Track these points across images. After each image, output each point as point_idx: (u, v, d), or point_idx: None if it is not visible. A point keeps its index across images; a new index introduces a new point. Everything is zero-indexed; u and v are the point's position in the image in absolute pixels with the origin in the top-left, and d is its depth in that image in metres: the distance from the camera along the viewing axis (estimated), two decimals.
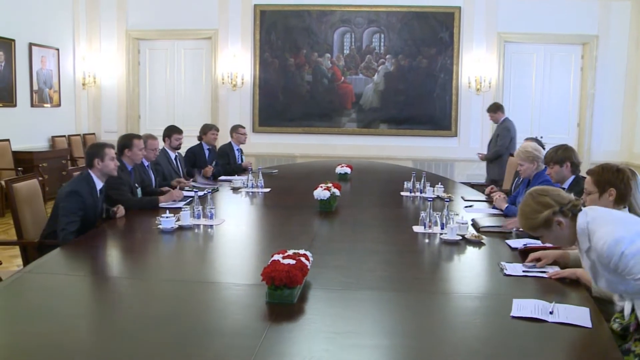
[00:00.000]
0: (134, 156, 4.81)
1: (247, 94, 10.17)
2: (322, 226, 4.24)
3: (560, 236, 2.40)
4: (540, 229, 2.38)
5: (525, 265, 2.99)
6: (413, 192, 5.42)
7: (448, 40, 9.90)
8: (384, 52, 10.04)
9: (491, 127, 10.05)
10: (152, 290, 2.76)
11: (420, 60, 9.98)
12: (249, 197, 5.39)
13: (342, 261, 3.21)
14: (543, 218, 2.33)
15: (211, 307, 2.54)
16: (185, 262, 3.35)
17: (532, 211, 2.37)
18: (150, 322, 2.33)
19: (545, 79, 10.13)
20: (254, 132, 10.16)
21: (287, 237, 3.81)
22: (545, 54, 10.08)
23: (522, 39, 9.94)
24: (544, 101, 10.15)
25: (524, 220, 2.42)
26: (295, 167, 8.47)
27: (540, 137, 9.76)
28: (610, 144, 9.60)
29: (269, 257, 2.60)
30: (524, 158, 4.57)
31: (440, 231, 3.78)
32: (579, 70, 10.10)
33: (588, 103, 9.95)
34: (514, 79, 10.15)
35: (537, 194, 2.41)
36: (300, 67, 10.11)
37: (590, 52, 9.87)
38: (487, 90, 9.85)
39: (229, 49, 10.08)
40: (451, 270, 3.28)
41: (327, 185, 4.53)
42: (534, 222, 2.38)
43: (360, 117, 10.16)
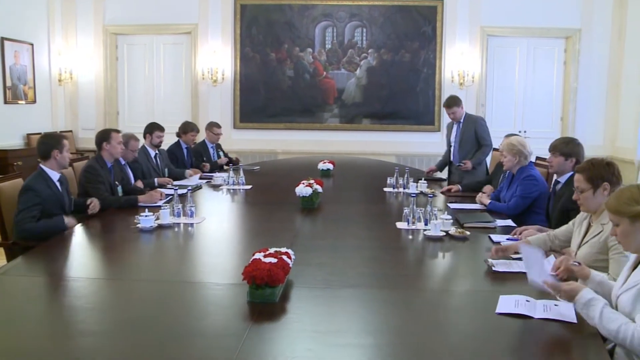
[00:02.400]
0: (113, 150, 4.75)
1: (227, 90, 10.10)
2: (304, 223, 4.22)
3: (633, 236, 2.31)
4: (625, 218, 2.30)
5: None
6: (396, 187, 5.43)
7: (431, 34, 9.92)
8: (366, 46, 10.03)
9: None
10: (131, 291, 2.73)
11: (403, 55, 9.99)
12: (230, 194, 5.37)
13: (325, 259, 3.20)
14: (637, 210, 2.26)
15: (191, 307, 2.52)
16: (165, 261, 3.32)
17: (631, 197, 2.29)
18: (129, 324, 2.30)
19: (528, 72, 10.19)
20: (234, 129, 10.09)
21: (269, 235, 3.79)
22: (528, 47, 10.14)
23: (505, 33, 9.99)
24: (527, 95, 10.22)
25: (616, 201, 2.33)
26: (277, 163, 8.45)
27: (524, 132, 9.92)
28: (594, 138, 9.64)
29: (250, 255, 2.59)
30: (508, 150, 4.61)
31: (424, 227, 3.79)
32: (562, 64, 10.18)
33: (571, 97, 10.04)
34: (497, 73, 10.20)
35: None
36: (281, 62, 10.07)
37: (573, 45, 9.95)
38: (470, 84, 9.89)
39: (209, 44, 10.01)
40: (435, 266, 3.29)
41: (310, 182, 4.52)
42: (625, 208, 2.29)
43: (342, 112, 10.14)
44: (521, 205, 4.38)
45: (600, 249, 2.84)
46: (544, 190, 4.48)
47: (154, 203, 4.61)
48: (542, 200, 4.43)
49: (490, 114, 10.20)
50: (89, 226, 3.95)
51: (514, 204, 4.40)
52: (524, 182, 4.43)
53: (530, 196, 4.37)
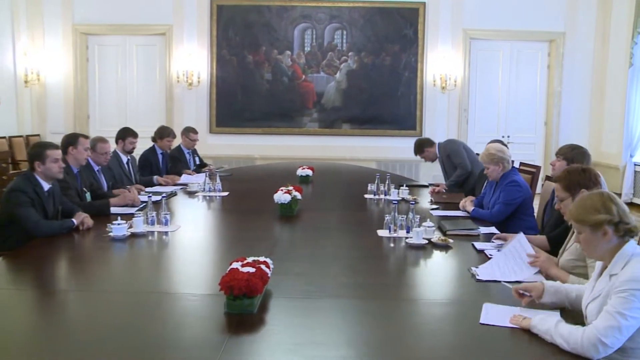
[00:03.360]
0: (79, 155, 4.68)
1: (203, 93, 10.08)
2: (283, 231, 4.23)
3: (594, 244, 2.37)
4: (585, 227, 2.36)
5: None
6: (377, 194, 5.46)
7: (412, 37, 10.01)
8: (347, 49, 10.09)
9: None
10: (103, 303, 2.70)
11: (383, 58, 10.06)
12: (206, 201, 5.35)
13: (304, 268, 3.20)
14: (597, 219, 2.31)
15: (166, 319, 2.50)
16: (138, 271, 3.30)
17: (592, 206, 2.35)
18: (101, 337, 2.28)
19: (511, 76, 10.32)
20: (210, 133, 10.08)
21: (247, 244, 3.78)
22: (511, 51, 10.27)
23: (488, 36, 10.11)
24: (510, 99, 10.35)
25: (578, 210, 2.39)
26: (255, 169, 8.44)
27: (507, 137, 10.03)
28: (578, 142, 9.61)
29: (227, 265, 2.58)
30: (489, 161, 4.64)
31: (406, 235, 3.81)
32: (545, 68, 10.32)
33: (555, 101, 10.19)
34: (480, 77, 10.31)
35: (609, 197, 2.37)
36: (259, 65, 10.08)
37: (557, 49, 10.10)
38: (452, 88, 9.99)
39: (185, 45, 9.98)
40: (418, 275, 3.31)
41: (288, 189, 4.52)
42: (586, 217, 2.35)
43: (322, 116, 10.18)
44: (505, 211, 4.43)
45: (578, 255, 2.91)
46: (528, 195, 4.54)
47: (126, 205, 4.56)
48: (526, 205, 4.50)
49: (472, 118, 10.31)
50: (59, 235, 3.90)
51: (498, 210, 4.45)
52: (507, 188, 4.48)
53: (514, 202, 4.43)
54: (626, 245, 2.30)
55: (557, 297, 2.49)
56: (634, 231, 2.32)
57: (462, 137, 10.11)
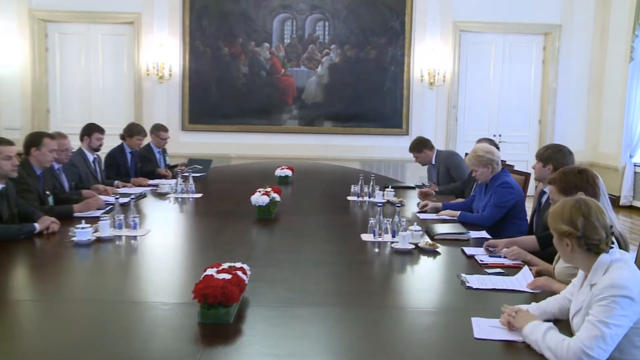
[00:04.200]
0: (42, 157, 4.64)
1: (175, 87, 10.03)
2: (261, 235, 4.24)
3: (564, 253, 2.45)
4: (554, 233, 2.43)
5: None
6: (361, 196, 5.49)
7: (399, 29, 10.05)
8: (329, 41, 10.11)
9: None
10: (66, 313, 2.69)
11: (368, 51, 10.10)
12: (178, 203, 5.35)
13: (284, 274, 3.22)
14: (560, 229, 2.38)
15: (135, 330, 2.50)
16: (105, 279, 3.28)
17: (560, 215, 2.40)
18: (65, 351, 2.27)
19: (504, 71, 10.39)
20: (183, 130, 10.04)
21: (222, 249, 3.79)
22: (504, 44, 10.34)
23: (479, 28, 10.18)
24: (502, 96, 10.41)
25: (551, 213, 2.46)
26: (230, 169, 8.43)
27: (499, 136, 10.12)
28: (574, 142, 9.67)
29: (201, 271, 2.58)
30: (477, 163, 4.68)
31: (392, 239, 3.85)
32: (540, 63, 10.41)
33: (550, 98, 10.27)
34: (471, 72, 10.37)
35: (581, 208, 2.38)
36: (235, 57, 10.06)
37: (553, 42, 10.18)
38: (441, 84, 10.04)
39: (155, 35, 9.92)
40: (404, 282, 3.34)
41: (266, 190, 4.53)
42: (552, 223, 2.42)
43: (302, 113, 10.19)
44: (496, 214, 4.49)
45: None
46: (520, 198, 4.60)
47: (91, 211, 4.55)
48: (518, 208, 4.55)
49: (462, 116, 10.36)
50: (16, 240, 3.86)
51: (489, 213, 4.50)
52: (498, 190, 4.53)
53: (506, 205, 4.48)
54: (601, 257, 2.34)
55: (545, 316, 2.52)
56: (602, 249, 2.34)
57: (451, 135, 10.18)
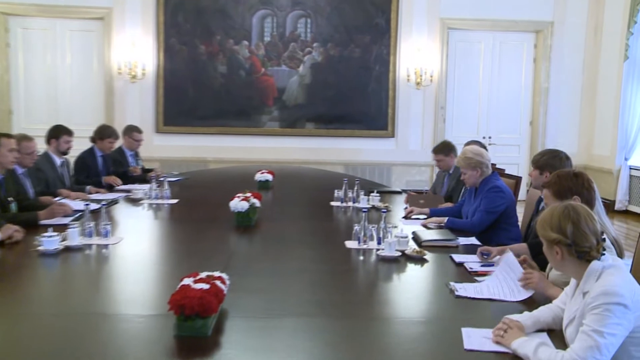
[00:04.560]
0: (2, 158, 4.59)
1: (149, 87, 9.99)
2: (240, 243, 4.24)
3: (554, 261, 2.47)
4: (544, 240, 2.46)
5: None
6: (345, 201, 5.50)
7: (384, 26, 10.10)
8: (311, 39, 10.13)
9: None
10: (32, 328, 2.66)
11: (352, 50, 10.13)
12: (153, 210, 5.34)
13: (264, 284, 3.22)
14: (549, 236, 2.40)
15: (107, 344, 2.48)
16: (74, 291, 3.26)
17: (549, 221, 2.43)
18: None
19: (493, 71, 10.47)
20: (157, 133, 10.00)
21: (199, 257, 3.78)
22: (494, 42, 10.43)
23: (468, 26, 10.25)
24: (492, 96, 10.49)
25: (539, 223, 2.49)
26: (208, 173, 8.41)
27: (488, 138, 10.19)
28: (567, 145, 9.85)
29: (177, 281, 2.57)
30: (465, 166, 4.71)
31: (377, 246, 3.86)
32: (531, 61, 10.51)
33: (542, 98, 10.37)
34: (459, 72, 10.44)
35: (570, 215, 2.41)
36: (213, 56, 10.05)
37: (544, 40, 10.28)
38: (428, 84, 10.09)
39: (127, 32, 9.87)
40: (391, 291, 3.34)
41: (246, 195, 4.53)
42: (541, 230, 2.45)
43: (283, 115, 10.19)
44: (486, 220, 4.51)
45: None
46: (511, 202, 4.62)
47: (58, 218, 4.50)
48: (509, 214, 4.58)
49: (450, 117, 10.42)
50: None
51: (478, 219, 4.53)
52: (488, 195, 4.55)
53: (496, 210, 4.51)
54: (592, 264, 2.36)
55: (538, 326, 2.53)
56: (593, 256, 2.36)
57: (439, 137, 10.18)
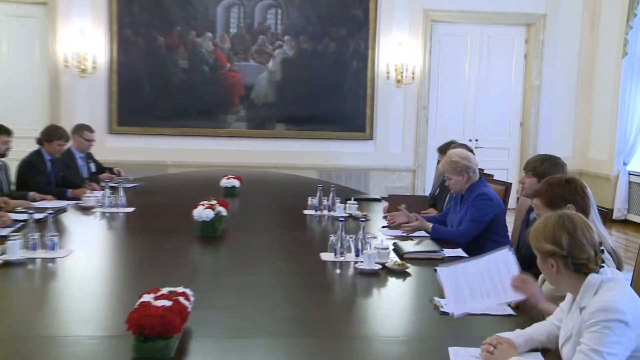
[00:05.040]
0: None
1: (100, 83, 9.90)
2: (205, 255, 4.25)
3: (548, 275, 2.51)
4: (537, 253, 2.50)
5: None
6: (319, 209, 5.52)
7: (362, 18, 10.14)
8: (282, 32, 10.14)
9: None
10: None
11: (327, 44, 10.15)
12: (106, 219, 5.30)
13: (233, 300, 3.22)
14: (543, 248, 2.44)
15: None
16: (15, 311, 3.20)
17: (542, 232, 2.47)
18: None
19: (481, 67, 10.54)
20: (110, 134, 9.91)
21: (160, 271, 3.76)
22: (481, 37, 10.51)
23: (453, 18, 10.33)
24: (479, 95, 10.57)
25: (532, 234, 2.53)
26: (168, 179, 8.37)
27: (475, 141, 10.27)
28: (561, 148, 9.88)
29: (135, 298, 2.57)
30: (451, 170, 4.75)
31: (355, 259, 3.88)
32: (522, 57, 10.61)
33: (533, 97, 10.47)
34: (443, 68, 10.51)
35: (565, 224, 2.45)
36: (173, 49, 10.01)
37: (536, 35, 10.39)
38: (409, 82, 10.12)
39: (74, 20, 9.74)
40: (370, 307, 3.37)
41: (211, 203, 4.52)
42: (535, 242, 2.49)
43: (251, 115, 10.18)
44: (473, 230, 4.56)
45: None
46: (500, 211, 4.68)
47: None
48: (499, 223, 4.63)
49: (433, 118, 10.47)
50: None
51: (465, 229, 4.57)
52: (476, 203, 4.60)
53: (484, 219, 4.56)
54: (589, 277, 2.41)
55: (531, 344, 2.57)
56: (591, 268, 2.40)
57: (421, 140, 10.27)
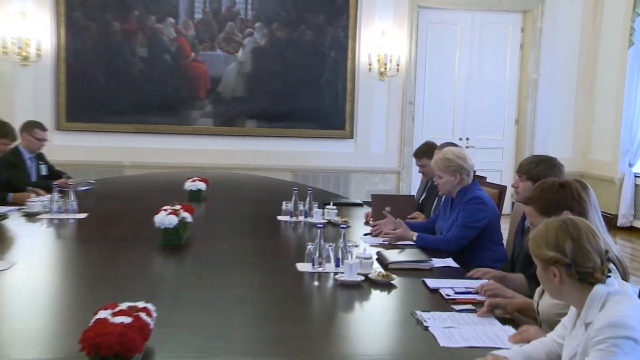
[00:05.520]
0: None
1: (46, 72, 9.79)
2: (169, 266, 4.24)
3: (549, 285, 2.53)
4: (537, 261, 2.52)
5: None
6: (295, 215, 5.53)
7: (342, 4, 10.15)
8: (252, 18, 10.13)
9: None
10: None
11: (303, 32, 10.16)
12: (54, 226, 5.27)
13: (200, 316, 3.22)
14: (544, 256, 2.46)
15: None
16: None
17: (544, 238, 2.49)
18: None
19: (472, 59, 10.60)
20: (59, 130, 9.81)
21: (117, 285, 3.75)
22: (472, 24, 10.57)
23: (442, 4, 10.38)
24: (470, 90, 10.63)
25: (532, 240, 2.55)
26: (125, 181, 8.34)
27: (466, 140, 10.34)
28: (560, 148, 10.00)
29: (89, 315, 2.56)
30: (443, 168, 4.78)
31: (335, 269, 3.90)
32: (517, 48, 10.69)
33: (530, 92, 10.54)
34: (431, 60, 10.56)
35: (568, 230, 2.47)
36: (130, 35, 9.96)
37: (533, 22, 10.45)
38: (394, 74, 10.14)
39: (14, 1, 9.63)
40: (352, 323, 3.38)
41: (174, 208, 4.52)
42: (535, 249, 2.51)
43: (218, 110, 10.16)
44: (464, 237, 4.59)
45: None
46: (495, 216, 4.71)
47: None
48: (492, 230, 4.66)
49: (420, 114, 10.50)
50: None
51: (455, 235, 4.60)
52: (468, 207, 4.63)
53: (477, 225, 4.59)
54: (595, 288, 2.42)
55: None
56: (597, 278, 2.42)
57: (407, 138, 10.29)
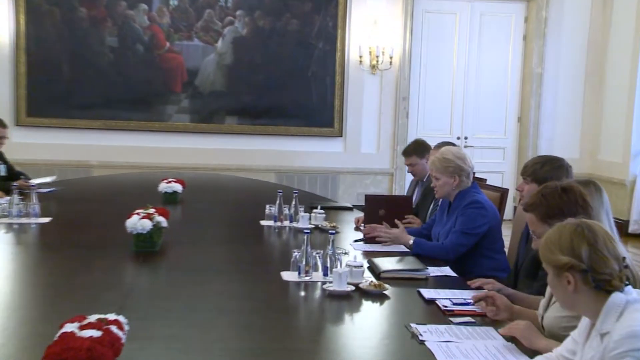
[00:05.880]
0: None
1: (4, 63, 9.72)
2: (141, 275, 4.23)
3: (562, 293, 2.53)
4: (549, 267, 2.53)
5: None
6: (280, 220, 5.53)
7: None
8: (233, 6, 10.12)
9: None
10: None
11: (288, 21, 10.16)
12: (14, 232, 5.25)
13: (176, 329, 3.21)
14: (558, 261, 2.46)
15: None
16: None
17: (557, 242, 2.49)
18: None
19: (472, 51, 10.61)
20: (18, 126, 9.74)
21: (85, 296, 3.73)
22: (472, 14, 10.58)
23: None
24: (470, 84, 10.65)
25: (544, 246, 2.55)
26: (93, 182, 8.32)
27: (464, 139, 10.37)
28: (566, 148, 10.02)
29: (55, 329, 2.55)
30: (441, 169, 4.79)
31: (323, 278, 3.90)
32: (520, 40, 10.72)
33: (533, 88, 10.57)
34: (427, 52, 10.56)
35: (583, 232, 2.47)
36: (98, 23, 9.92)
37: (538, 12, 10.48)
38: (387, 67, 10.16)
39: None
40: (342, 336, 3.39)
41: (148, 212, 4.51)
42: (548, 255, 2.51)
43: (195, 105, 10.15)
44: (463, 244, 4.61)
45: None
46: (496, 222, 4.72)
47: None
48: (493, 237, 4.67)
49: (414, 111, 10.50)
50: None
51: (453, 242, 4.61)
52: (466, 212, 4.65)
53: (476, 232, 4.61)
54: (612, 296, 2.42)
55: None
56: (616, 286, 2.42)
57: (400, 137, 10.28)
